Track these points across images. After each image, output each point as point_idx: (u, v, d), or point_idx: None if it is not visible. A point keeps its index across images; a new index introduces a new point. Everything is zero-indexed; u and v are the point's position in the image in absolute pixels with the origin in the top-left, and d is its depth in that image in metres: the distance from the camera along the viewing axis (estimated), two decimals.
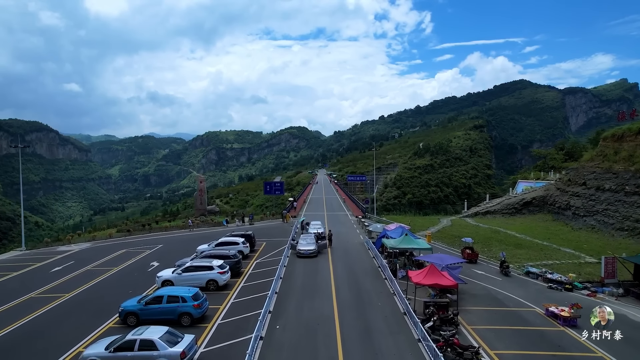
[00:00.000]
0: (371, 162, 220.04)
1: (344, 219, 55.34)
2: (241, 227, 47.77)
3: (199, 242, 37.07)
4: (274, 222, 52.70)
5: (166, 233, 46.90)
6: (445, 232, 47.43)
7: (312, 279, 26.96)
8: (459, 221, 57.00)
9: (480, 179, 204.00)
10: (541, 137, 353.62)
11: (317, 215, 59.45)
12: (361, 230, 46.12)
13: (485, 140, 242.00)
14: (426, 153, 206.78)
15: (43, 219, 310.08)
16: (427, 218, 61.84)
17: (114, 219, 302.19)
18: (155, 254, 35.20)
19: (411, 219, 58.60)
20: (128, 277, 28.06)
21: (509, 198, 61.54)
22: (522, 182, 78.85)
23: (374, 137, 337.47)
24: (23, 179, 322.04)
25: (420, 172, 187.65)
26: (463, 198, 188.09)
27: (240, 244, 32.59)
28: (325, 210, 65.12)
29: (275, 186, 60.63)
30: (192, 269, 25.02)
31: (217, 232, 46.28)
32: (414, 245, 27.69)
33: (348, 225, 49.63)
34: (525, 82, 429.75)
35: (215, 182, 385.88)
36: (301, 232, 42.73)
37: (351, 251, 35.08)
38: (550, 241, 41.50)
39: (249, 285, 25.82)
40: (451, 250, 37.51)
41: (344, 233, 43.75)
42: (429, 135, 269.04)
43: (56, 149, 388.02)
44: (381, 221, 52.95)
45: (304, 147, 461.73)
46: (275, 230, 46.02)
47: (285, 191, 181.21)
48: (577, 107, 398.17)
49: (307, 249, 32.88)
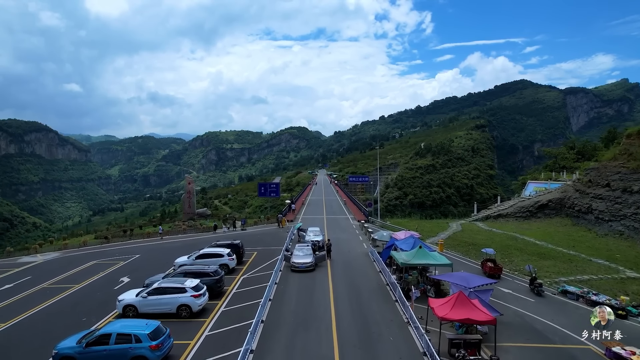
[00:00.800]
0: (372, 162, 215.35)
1: (345, 224, 50.52)
2: (230, 234, 43.00)
3: (182, 252, 32.35)
4: (269, 228, 47.86)
5: (148, 240, 42.06)
6: (457, 238, 42.61)
7: (307, 302, 22.16)
8: (469, 226, 52.19)
9: (483, 179, 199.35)
10: (542, 137, 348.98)
11: (316, 219, 54.63)
12: (364, 237, 41.31)
13: (488, 140, 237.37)
14: (428, 153, 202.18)
15: (41, 220, 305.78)
16: (434, 222, 57.07)
17: (112, 220, 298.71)
18: (129, 266, 30.40)
19: (418, 223, 53.77)
20: (87, 299, 23.22)
21: (523, 200, 56.73)
22: (532, 183, 74.04)
23: (374, 137, 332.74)
24: (22, 179, 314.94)
25: (421, 173, 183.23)
26: (465, 199, 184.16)
27: (224, 256, 27.79)
28: (325, 214, 60.29)
29: (271, 188, 55.65)
30: (161, 291, 20.22)
31: (206, 239, 41.47)
32: (431, 261, 22.87)
33: (349, 231, 44.80)
34: (526, 82, 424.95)
35: (215, 183, 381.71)
36: (297, 240, 37.99)
37: (354, 264, 30.28)
38: (576, 250, 36.71)
39: (230, 311, 21.02)
40: (468, 261, 32.68)
41: (345, 241, 38.95)
42: (430, 135, 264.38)
43: (55, 149, 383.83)
44: (386, 226, 48.16)
45: (304, 147, 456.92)
46: (269, 237, 41.18)
47: (285, 192, 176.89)
48: (578, 107, 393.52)
49: (303, 262, 28.09)
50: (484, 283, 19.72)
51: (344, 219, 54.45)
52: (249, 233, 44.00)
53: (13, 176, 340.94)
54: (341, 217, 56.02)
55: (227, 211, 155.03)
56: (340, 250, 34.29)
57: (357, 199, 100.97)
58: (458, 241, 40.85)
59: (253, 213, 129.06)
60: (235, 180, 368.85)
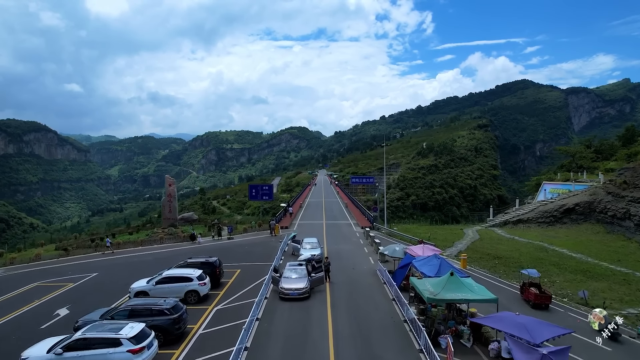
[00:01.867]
0: (373, 162, 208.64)
1: (347, 231, 44.06)
2: (212, 245, 36.59)
3: (150, 269, 26.09)
4: (260, 236, 41.47)
5: (119, 252, 35.60)
6: (477, 249, 36.17)
7: (298, 351, 15.79)
8: (487, 233, 45.74)
9: (487, 179, 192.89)
10: (544, 137, 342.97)
11: (314, 225, 48.19)
12: (370, 248, 34.86)
13: (491, 139, 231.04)
14: (430, 153, 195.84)
15: (39, 221, 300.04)
16: (447, 229, 50.57)
17: (111, 220, 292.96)
18: (76, 291, 23.94)
19: (428, 230, 47.37)
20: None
21: (545, 204, 50.27)
22: (548, 184, 67.60)
23: (375, 137, 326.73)
24: (21, 180, 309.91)
25: (424, 173, 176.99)
26: (469, 199, 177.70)
27: (194, 280, 21.36)
28: (325, 218, 53.81)
29: (263, 190, 49.03)
30: (82, 344, 13.83)
31: (184, 251, 35.08)
32: (469, 295, 16.39)
33: (353, 241, 38.34)
34: (528, 82, 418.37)
35: (215, 183, 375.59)
36: (291, 252, 31.65)
37: (359, 287, 23.84)
38: (624, 265, 30.31)
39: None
40: (498, 282, 26.22)
41: (347, 254, 32.55)
42: (431, 135, 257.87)
43: (55, 150, 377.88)
44: (393, 234, 41.70)
45: (305, 147, 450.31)
46: (258, 249, 34.74)
47: (285, 192, 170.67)
48: (580, 107, 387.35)
49: (295, 287, 21.67)
50: (556, 335, 13.27)
51: (346, 225, 48.01)
52: (235, 243, 37.56)
53: (12, 176, 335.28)
54: (342, 223, 49.57)
55: (226, 212, 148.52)
56: (343, 267, 27.91)
57: (358, 200, 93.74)
58: (480, 253, 34.41)
59: (252, 215, 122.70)
60: (235, 180, 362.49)
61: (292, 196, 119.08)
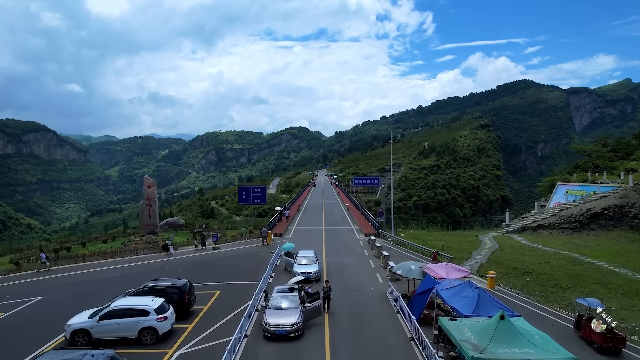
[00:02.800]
0: (374, 162, 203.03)
1: (349, 239, 38.70)
2: (192, 258, 31.28)
3: (115, 288, 20.90)
4: (250, 245, 36.17)
5: (81, 266, 30.07)
6: (500, 261, 30.87)
7: None
8: (506, 240, 40.40)
9: (490, 180, 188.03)
10: (545, 138, 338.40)
11: (312, 231, 42.86)
12: (377, 261, 29.53)
13: (493, 139, 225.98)
14: (432, 153, 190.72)
15: (38, 221, 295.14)
16: (460, 235, 45.18)
17: (110, 221, 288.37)
18: (3, 325, 18.62)
19: (440, 237, 42.08)
20: None
21: (567, 207, 44.92)
22: (563, 185, 62.37)
23: (375, 137, 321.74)
24: (19, 180, 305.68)
25: (426, 173, 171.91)
26: (472, 200, 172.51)
27: (151, 314, 16.01)
28: (324, 223, 48.45)
29: (255, 192, 43.22)
30: None
31: (157, 265, 29.74)
32: (534, 354, 11.00)
33: (356, 252, 32.98)
34: (529, 82, 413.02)
35: (214, 183, 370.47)
36: (284, 268, 26.40)
37: (366, 320, 18.49)
38: None
39: None
40: (536, 307, 20.86)
41: (350, 269, 27.26)
42: (432, 135, 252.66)
43: (54, 150, 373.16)
44: (402, 243, 36.33)
45: (305, 147, 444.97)
46: (245, 262, 29.41)
47: (284, 192, 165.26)
48: (581, 107, 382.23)
49: (283, 323, 16.34)
50: None
51: (348, 232, 42.65)
52: (220, 254, 32.19)
53: (10, 177, 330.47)
54: (344, 229, 44.19)
55: (224, 213, 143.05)
56: (345, 288, 22.62)
57: (359, 201, 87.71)
58: (504, 267, 29.10)
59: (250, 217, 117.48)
60: (235, 181, 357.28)
61: (292, 197, 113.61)
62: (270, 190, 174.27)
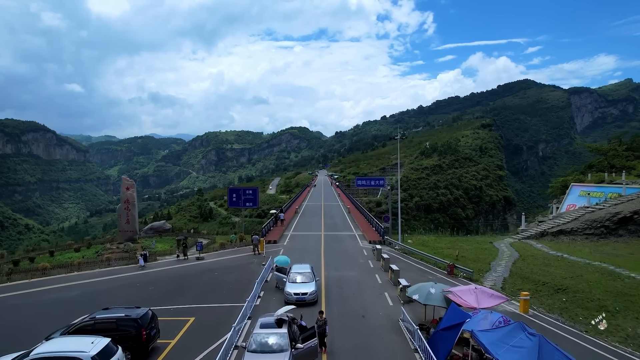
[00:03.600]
0: (374, 162, 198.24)
1: (352, 247, 34.38)
2: (168, 271, 26.94)
3: (70, 312, 16.61)
4: (240, 254, 31.85)
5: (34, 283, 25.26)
6: (525, 275, 26.61)
7: None
8: (525, 247, 36.08)
9: (492, 180, 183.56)
10: (547, 138, 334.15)
11: (310, 237, 38.56)
12: (384, 276, 25.22)
13: (495, 139, 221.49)
14: (433, 153, 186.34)
15: (36, 222, 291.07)
16: (473, 241, 40.70)
17: (109, 221, 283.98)
18: None
19: (450, 242, 37.81)
20: None
21: (591, 211, 40.57)
22: (578, 187, 57.99)
23: (376, 137, 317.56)
24: (19, 180, 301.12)
25: (428, 173, 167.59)
26: (474, 201, 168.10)
27: None
28: (323, 228, 44.10)
29: (246, 195, 38.55)
30: None
31: (126, 281, 25.42)
32: None
33: (359, 264, 28.63)
34: (530, 82, 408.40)
35: (214, 183, 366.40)
36: (275, 285, 22.14)
37: (375, 358, 14.24)
38: None
39: None
40: (596, 346, 16.56)
41: (353, 286, 22.97)
42: (434, 135, 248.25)
43: (53, 150, 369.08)
44: (411, 253, 32.00)
45: (305, 147, 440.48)
46: (231, 277, 25.10)
47: (284, 193, 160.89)
48: (583, 107, 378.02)
49: None
50: None
51: (349, 238, 38.32)
52: (203, 267, 27.85)
53: (9, 177, 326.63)
54: (345, 235, 39.86)
55: (223, 214, 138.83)
56: (347, 314, 18.35)
57: (360, 202, 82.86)
58: (531, 281, 24.87)
59: (249, 217, 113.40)
60: (235, 181, 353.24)
61: (292, 197, 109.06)
62: (269, 190, 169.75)
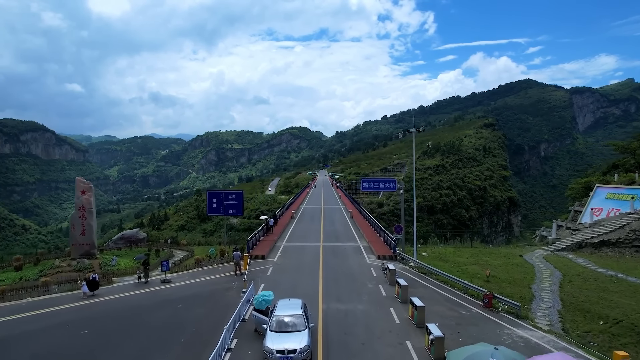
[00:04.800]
0: (376, 162, 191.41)
1: (357, 265, 27.72)
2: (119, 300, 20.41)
3: None
4: (217, 276, 24.83)
5: None
6: (582, 305, 20.15)
7: None
8: (563, 263, 29.52)
9: (496, 180, 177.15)
10: (549, 137, 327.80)
11: (306, 250, 32.03)
12: (400, 309, 18.69)
13: (499, 139, 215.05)
14: (436, 152, 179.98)
15: (34, 222, 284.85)
16: (496, 253, 33.87)
17: (107, 221, 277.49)
18: None
19: (473, 255, 31.32)
20: None
21: (637, 218, 34.01)
22: (603, 188, 51.52)
23: (377, 137, 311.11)
24: (17, 180, 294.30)
25: (430, 174, 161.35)
26: (478, 202, 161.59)
27: None
28: (322, 238, 37.49)
29: (228, 200, 31.27)
30: None
31: (62, 315, 19.00)
32: None
33: (368, 290, 21.82)
34: (531, 82, 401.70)
35: (214, 184, 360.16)
36: (254, 329, 15.68)
37: None
38: None
39: None
40: None
41: (362, 329, 16.51)
42: (435, 135, 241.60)
43: (52, 150, 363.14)
44: (430, 271, 25.42)
45: (305, 147, 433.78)
46: (196, 313, 18.52)
47: (283, 193, 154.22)
48: (584, 106, 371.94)
49: None
50: None
51: (354, 252, 31.72)
52: (165, 294, 21.11)
53: (8, 177, 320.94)
54: (348, 247, 33.26)
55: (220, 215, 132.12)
56: None
57: (361, 203, 75.42)
58: (596, 316, 18.49)
59: (247, 219, 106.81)
60: (235, 181, 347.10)
61: (291, 197, 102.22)
62: (268, 191, 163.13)
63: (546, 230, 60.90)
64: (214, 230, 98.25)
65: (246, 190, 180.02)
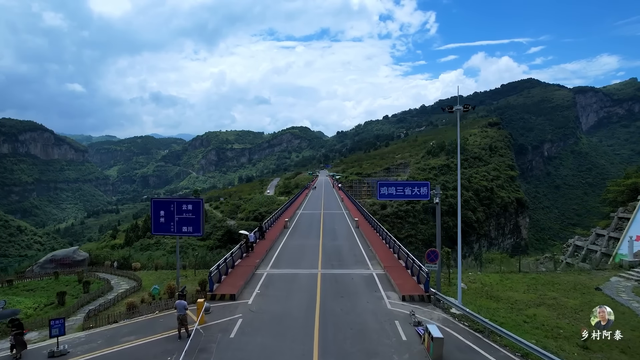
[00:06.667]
0: (378, 162, 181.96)
1: (372, 315, 17.56)
2: None
3: None
4: (151, 337, 14.74)
5: None
6: None
7: None
8: None
9: (503, 181, 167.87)
10: (552, 137, 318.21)
11: (297, 281, 22.59)
12: None
13: (505, 137, 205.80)
14: (441, 152, 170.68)
15: (32, 223, 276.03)
16: (557, 280, 24.35)
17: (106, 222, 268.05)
18: None
19: (529, 287, 21.88)
20: None
21: None
22: None
23: (378, 137, 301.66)
24: (15, 180, 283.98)
25: (435, 174, 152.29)
26: (485, 203, 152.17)
27: None
28: (321, 261, 27.47)
29: (182, 212, 21.43)
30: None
31: None
32: None
33: None
34: (534, 81, 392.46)
35: (214, 184, 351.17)
36: None
37: None
38: None
39: None
40: None
41: None
42: (438, 134, 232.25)
43: (51, 149, 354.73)
44: (488, 328, 15.79)
45: (306, 147, 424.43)
46: None
47: (282, 194, 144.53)
48: (587, 106, 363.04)
49: None
50: None
51: (366, 287, 21.86)
52: None
53: (6, 177, 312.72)
54: (357, 278, 23.47)
55: (218, 216, 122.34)
56: None
57: (363, 204, 65.39)
58: None
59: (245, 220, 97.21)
60: (235, 181, 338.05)
61: (289, 199, 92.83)
62: (268, 192, 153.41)
63: (581, 239, 51.45)
64: (204, 238, 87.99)
65: (245, 191, 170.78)
